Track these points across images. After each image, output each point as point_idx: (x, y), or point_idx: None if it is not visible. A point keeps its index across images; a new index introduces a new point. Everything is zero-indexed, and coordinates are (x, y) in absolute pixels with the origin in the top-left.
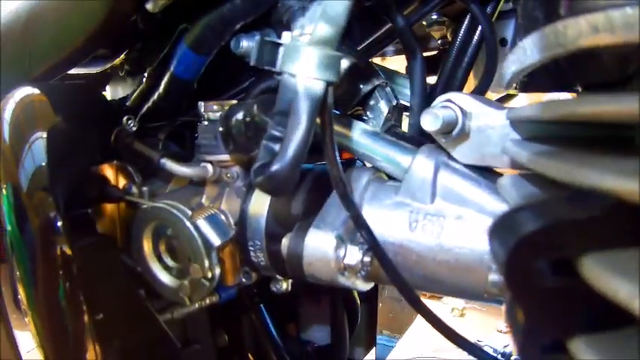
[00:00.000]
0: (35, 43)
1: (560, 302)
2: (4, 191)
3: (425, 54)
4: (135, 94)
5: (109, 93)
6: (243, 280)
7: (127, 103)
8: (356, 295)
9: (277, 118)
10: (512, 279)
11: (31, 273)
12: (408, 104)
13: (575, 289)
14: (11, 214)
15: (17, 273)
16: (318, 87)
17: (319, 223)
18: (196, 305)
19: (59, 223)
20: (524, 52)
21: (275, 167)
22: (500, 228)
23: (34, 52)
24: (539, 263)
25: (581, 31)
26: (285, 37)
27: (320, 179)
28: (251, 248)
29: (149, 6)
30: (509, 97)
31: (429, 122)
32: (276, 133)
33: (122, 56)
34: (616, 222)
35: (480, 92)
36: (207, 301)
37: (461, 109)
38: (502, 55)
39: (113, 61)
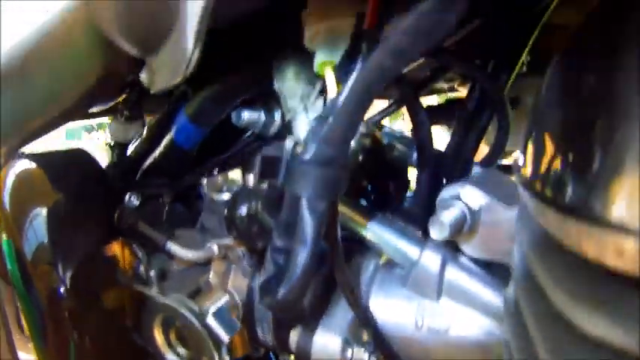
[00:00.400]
0: (31, 95)
1: None
2: (4, 237)
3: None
4: (135, 148)
5: (109, 132)
6: (252, 351)
7: (128, 153)
8: None
9: (282, 229)
10: None
11: (39, 326)
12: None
13: None
14: (13, 264)
15: (18, 304)
16: (322, 206)
17: (327, 323)
18: None
19: (68, 298)
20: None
21: (282, 292)
22: None
23: (31, 106)
24: None
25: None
26: (288, 146)
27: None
28: (259, 330)
29: (145, 81)
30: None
31: (437, 232)
32: (281, 245)
33: (122, 97)
34: None
35: (489, 163)
36: None
37: (469, 207)
38: (515, 114)
39: (114, 101)
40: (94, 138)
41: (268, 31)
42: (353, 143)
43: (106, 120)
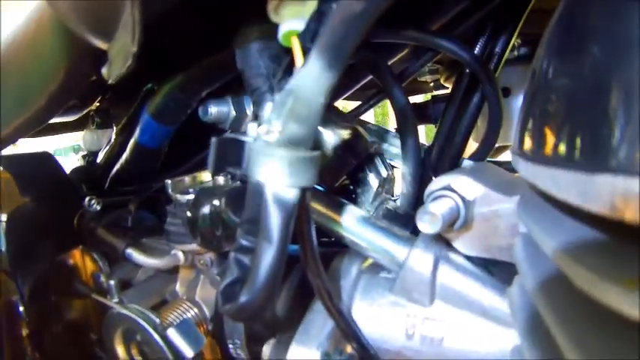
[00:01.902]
0: (3, 102)
1: None
2: None
3: (417, 97)
4: (103, 155)
5: (84, 143)
6: None
7: (98, 161)
8: None
9: (246, 227)
10: None
11: None
12: (400, 167)
13: None
14: None
15: None
16: (291, 195)
17: (302, 337)
18: None
19: (21, 309)
20: (551, 182)
21: (244, 298)
22: None
23: (3, 112)
24: None
25: None
26: (251, 130)
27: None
28: (231, 346)
29: (104, 73)
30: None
31: (427, 226)
32: (246, 244)
33: (94, 105)
34: None
35: (480, 158)
36: None
37: (463, 198)
38: (505, 106)
39: (84, 111)
40: (79, 159)
41: (230, 10)
42: (331, 136)
43: None
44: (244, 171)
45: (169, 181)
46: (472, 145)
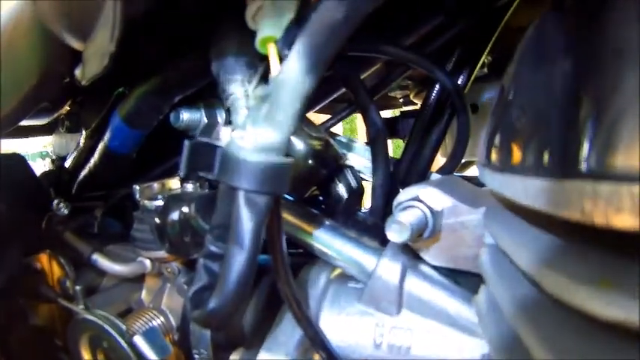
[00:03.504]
0: None
1: None
2: None
3: (385, 113)
4: (72, 159)
5: (53, 147)
6: None
7: (66, 165)
8: None
9: (216, 232)
10: None
11: None
12: (370, 179)
13: None
14: None
15: None
16: (263, 202)
17: (271, 345)
18: None
19: None
20: (520, 191)
21: (213, 304)
22: None
23: None
24: None
25: (620, 205)
26: (225, 135)
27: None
28: (197, 356)
29: (78, 74)
30: (469, 163)
31: (395, 234)
32: (216, 250)
33: (65, 108)
34: None
35: (448, 172)
36: None
37: (430, 209)
38: (474, 122)
39: (55, 114)
40: (48, 164)
41: (208, 15)
42: (302, 146)
43: None
44: (216, 176)
45: (137, 187)
46: (439, 161)
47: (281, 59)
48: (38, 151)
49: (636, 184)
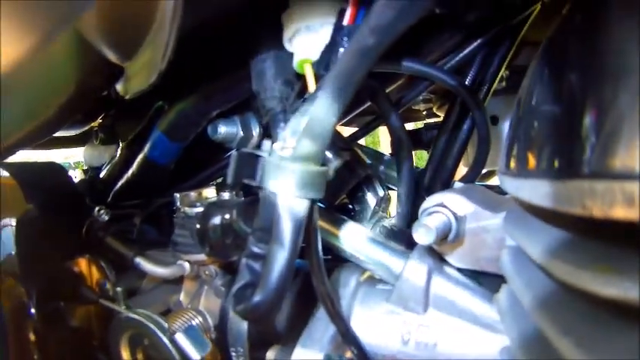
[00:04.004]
0: (6, 112)
1: None
2: None
3: (409, 125)
4: (108, 169)
5: (84, 158)
6: None
7: (101, 176)
8: None
9: (258, 234)
10: None
11: (4, 349)
12: (395, 188)
13: None
14: None
15: None
16: (302, 206)
17: (306, 340)
18: None
19: (32, 310)
20: (531, 192)
21: (257, 298)
22: None
23: (5, 121)
24: None
25: (611, 199)
26: (266, 146)
27: (309, 280)
28: (233, 354)
29: (120, 89)
30: (492, 173)
31: (422, 236)
32: (257, 251)
33: (97, 121)
34: None
35: (470, 180)
36: None
37: (454, 214)
38: (493, 133)
39: (87, 126)
40: (78, 174)
41: (246, 37)
42: (333, 156)
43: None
44: (258, 183)
45: (178, 195)
46: (462, 170)
47: (316, 78)
48: (63, 162)
49: (627, 182)
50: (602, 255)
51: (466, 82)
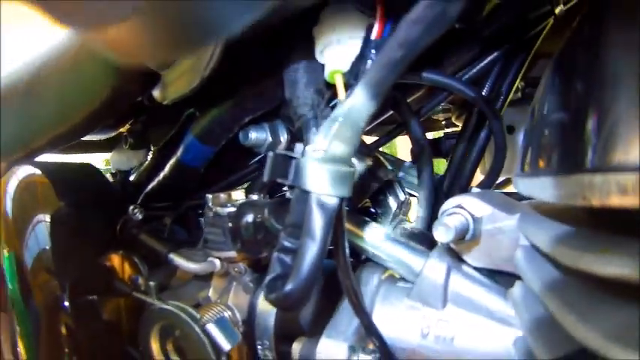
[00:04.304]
0: (36, 114)
1: None
2: (5, 253)
3: (429, 134)
4: (139, 172)
5: (111, 162)
6: None
7: (131, 178)
8: None
9: (289, 230)
10: None
11: (35, 344)
12: (416, 193)
13: None
14: (13, 280)
15: (17, 327)
16: (332, 203)
17: (331, 331)
18: None
19: (66, 304)
20: (540, 189)
21: (289, 287)
22: None
23: (35, 123)
24: None
25: (609, 189)
26: (298, 148)
27: (332, 277)
28: (259, 347)
29: (157, 95)
30: (509, 181)
31: (442, 234)
32: (289, 245)
33: (126, 127)
34: None
35: (487, 186)
36: None
37: (472, 215)
38: (510, 141)
39: (116, 131)
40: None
41: (279, 48)
42: (357, 161)
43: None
44: (291, 181)
45: (209, 196)
46: (479, 178)
47: (346, 87)
48: None
49: (621, 173)
50: (603, 241)
51: (483, 93)
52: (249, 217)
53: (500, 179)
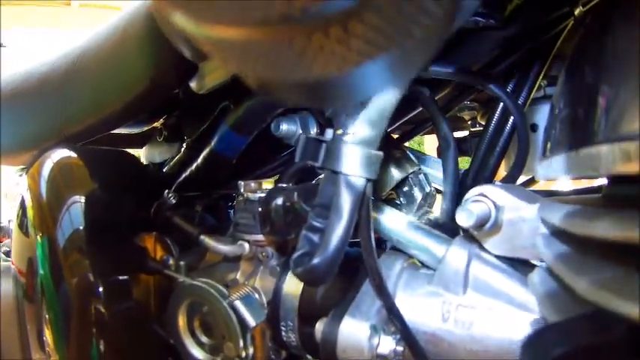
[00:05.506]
0: (71, 102)
1: None
2: (38, 239)
3: (455, 134)
4: (173, 162)
5: (144, 155)
6: (272, 357)
7: (164, 170)
8: None
9: (318, 210)
10: None
11: (64, 327)
12: (441, 187)
13: None
14: (45, 264)
15: (46, 315)
16: (359, 183)
17: (354, 312)
18: None
19: (97, 286)
20: (555, 167)
21: (317, 260)
22: (531, 347)
23: (70, 111)
24: None
25: (613, 157)
26: (328, 134)
27: (354, 263)
28: (283, 328)
29: (194, 85)
30: (534, 179)
31: (464, 219)
32: (317, 224)
33: (160, 121)
34: (626, 345)
35: (510, 180)
36: None
37: (494, 203)
38: (533, 140)
39: (151, 124)
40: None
41: None
42: (382, 153)
43: None
44: (321, 164)
45: (241, 182)
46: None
47: None
48: None
49: (624, 142)
50: (606, 213)
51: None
52: (279, 201)
53: (524, 179)
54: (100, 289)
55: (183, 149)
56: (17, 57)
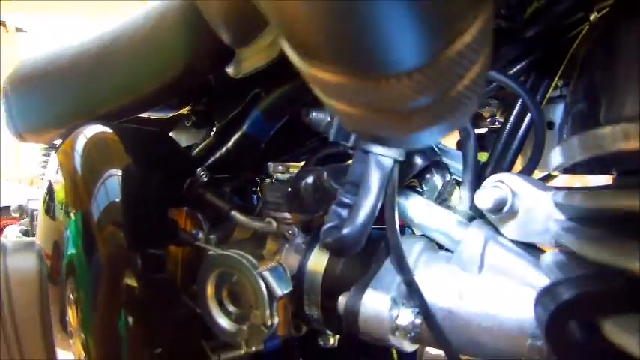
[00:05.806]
0: (103, 83)
1: (588, 354)
2: (72, 216)
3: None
4: (202, 146)
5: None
6: (293, 331)
7: (193, 153)
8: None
9: (347, 187)
10: (550, 336)
11: (92, 298)
12: (460, 179)
13: (600, 344)
14: (78, 240)
15: (71, 296)
16: (388, 163)
17: (376, 284)
18: (242, 351)
19: (131, 257)
20: (566, 151)
21: (346, 231)
22: (543, 297)
23: (101, 91)
24: (572, 324)
25: (615, 137)
26: None
27: (375, 243)
28: (305, 302)
29: (231, 71)
30: (550, 176)
31: (482, 200)
32: (346, 200)
33: (188, 107)
34: (632, 293)
35: (527, 173)
36: (254, 348)
37: (511, 190)
38: (549, 138)
39: (179, 110)
40: None
41: None
42: None
43: None
44: (352, 144)
45: (270, 164)
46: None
47: None
48: None
49: (625, 123)
50: (613, 191)
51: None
52: (309, 179)
53: (542, 175)
54: (134, 260)
55: (212, 133)
56: (38, 43)
